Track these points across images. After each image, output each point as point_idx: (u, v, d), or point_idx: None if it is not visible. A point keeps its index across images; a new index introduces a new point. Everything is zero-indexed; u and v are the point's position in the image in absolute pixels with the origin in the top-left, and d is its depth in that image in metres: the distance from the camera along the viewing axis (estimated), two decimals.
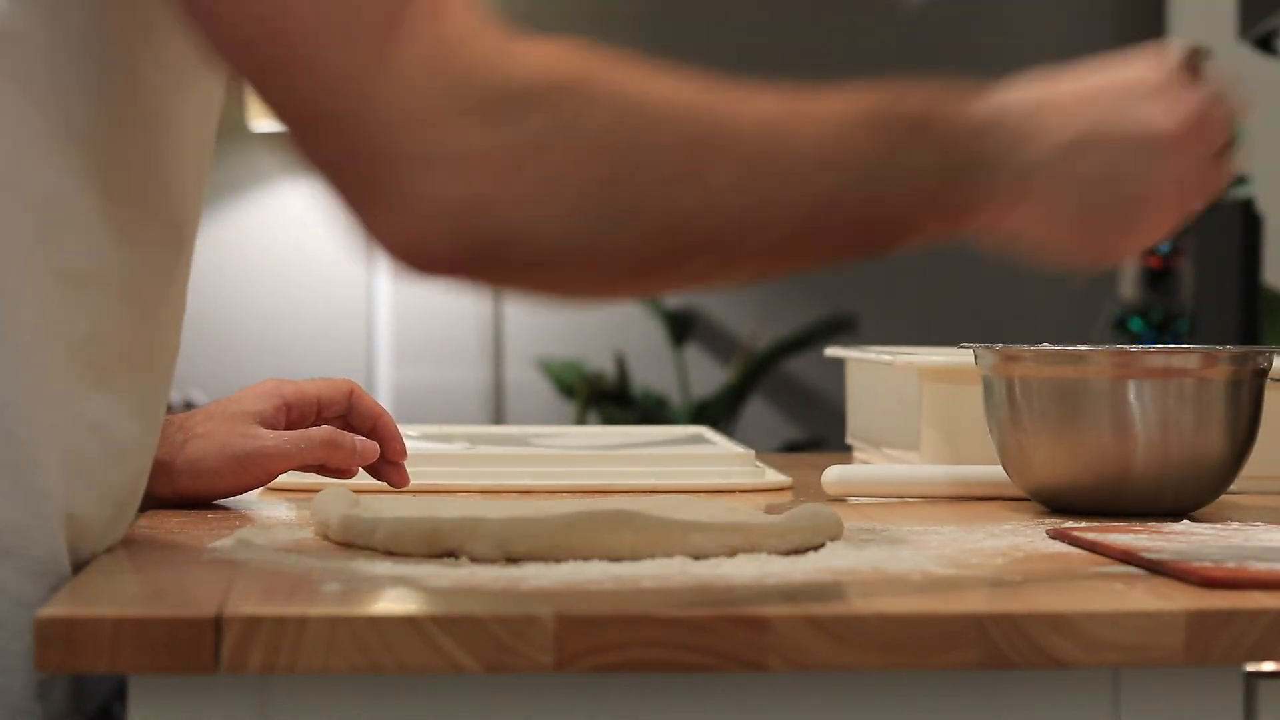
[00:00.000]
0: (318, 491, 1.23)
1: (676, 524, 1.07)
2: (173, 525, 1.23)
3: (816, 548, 1.11)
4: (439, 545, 1.07)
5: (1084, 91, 1.01)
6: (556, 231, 0.90)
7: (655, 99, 0.93)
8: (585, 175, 0.90)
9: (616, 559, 1.05)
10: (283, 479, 1.48)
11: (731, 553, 1.07)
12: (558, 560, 1.04)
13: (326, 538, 1.14)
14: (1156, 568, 1.04)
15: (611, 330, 4.65)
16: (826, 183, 0.95)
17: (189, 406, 4.29)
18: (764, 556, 1.07)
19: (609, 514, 1.07)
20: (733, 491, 1.48)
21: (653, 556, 1.05)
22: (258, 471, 1.33)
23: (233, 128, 4.51)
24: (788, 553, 1.09)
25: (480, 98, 0.90)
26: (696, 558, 1.06)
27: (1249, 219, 3.81)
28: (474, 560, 1.05)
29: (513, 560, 1.05)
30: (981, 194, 0.98)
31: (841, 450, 1.87)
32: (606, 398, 4.44)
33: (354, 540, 1.11)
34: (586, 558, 1.05)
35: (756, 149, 0.94)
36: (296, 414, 1.37)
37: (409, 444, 1.51)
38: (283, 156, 4.85)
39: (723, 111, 0.94)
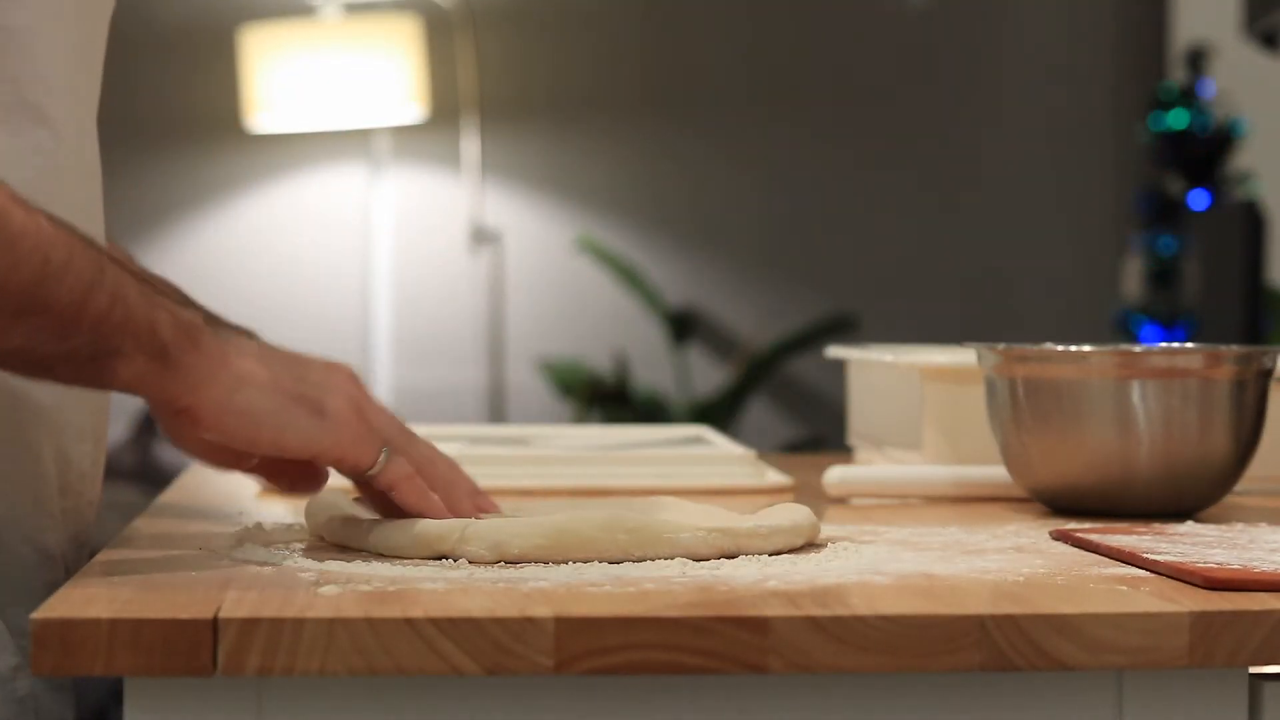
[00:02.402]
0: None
1: (668, 525, 1.07)
2: (169, 527, 1.23)
3: (797, 549, 1.11)
4: (432, 548, 1.06)
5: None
6: None
7: None
8: None
9: (609, 560, 1.04)
10: None
11: (720, 555, 1.07)
12: (551, 562, 1.04)
13: (322, 539, 1.14)
14: (1160, 569, 1.03)
15: (611, 330, 4.64)
16: (35, 264, 0.97)
17: None
18: (764, 558, 1.07)
19: (602, 516, 1.07)
20: (733, 492, 1.47)
21: (645, 558, 1.05)
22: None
23: (229, 128, 4.51)
24: (774, 554, 1.09)
25: None
26: (688, 560, 1.06)
27: (1253, 219, 3.81)
28: (472, 562, 1.05)
29: (509, 562, 1.04)
30: (187, 335, 1.02)
31: (842, 450, 1.86)
32: (606, 398, 4.43)
33: (348, 543, 1.11)
34: (579, 560, 1.04)
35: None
36: None
37: None
38: (279, 157, 4.84)
39: None
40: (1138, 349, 1.33)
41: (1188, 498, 1.32)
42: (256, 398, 1.03)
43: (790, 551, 1.11)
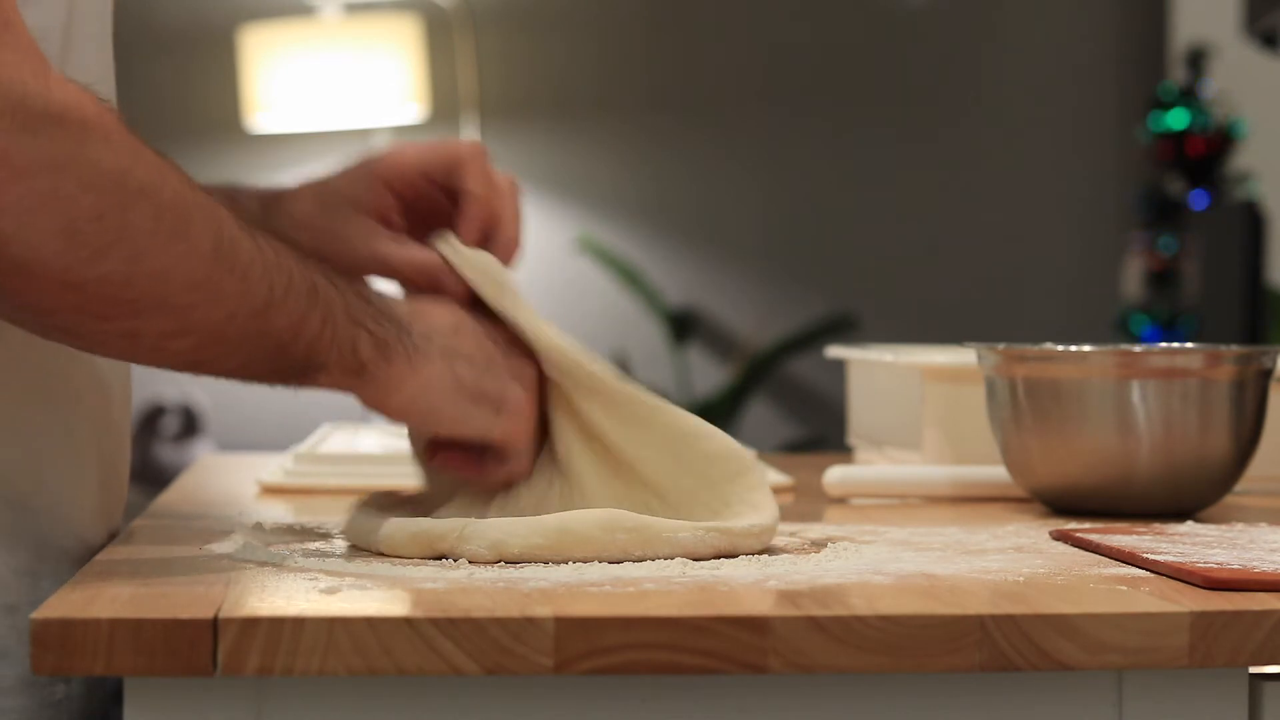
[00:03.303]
0: (314, 493, 1.22)
1: (667, 525, 1.07)
2: (169, 527, 1.23)
3: (800, 550, 1.11)
4: (432, 548, 1.07)
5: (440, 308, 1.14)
6: (32, 245, 0.95)
7: (155, 160, 0.99)
8: (83, 204, 0.95)
9: (609, 560, 1.05)
10: (281, 480, 1.48)
11: (717, 554, 1.07)
12: (549, 562, 1.04)
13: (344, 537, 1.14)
14: (1160, 569, 1.03)
15: (612, 329, 4.64)
16: (262, 293, 1.02)
17: (188, 410, 4.29)
18: (765, 558, 1.07)
19: (600, 515, 1.07)
20: None
21: (644, 558, 1.05)
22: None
23: (229, 128, 4.51)
24: (773, 553, 1.09)
25: (12, 106, 0.94)
26: (688, 559, 1.06)
27: (1254, 219, 3.82)
28: (472, 561, 1.05)
29: (508, 562, 1.04)
30: (381, 353, 1.08)
31: (842, 450, 1.86)
32: None
33: (357, 542, 1.11)
34: (578, 559, 1.04)
35: (225, 234, 1.01)
36: (405, 194, 1.23)
37: (407, 444, 1.48)
38: (279, 157, 4.83)
39: (200, 192, 1.01)
40: (1138, 349, 1.33)
41: (1188, 498, 1.32)
42: (438, 400, 1.10)
43: (789, 552, 1.11)
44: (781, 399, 4.74)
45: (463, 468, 1.14)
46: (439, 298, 1.15)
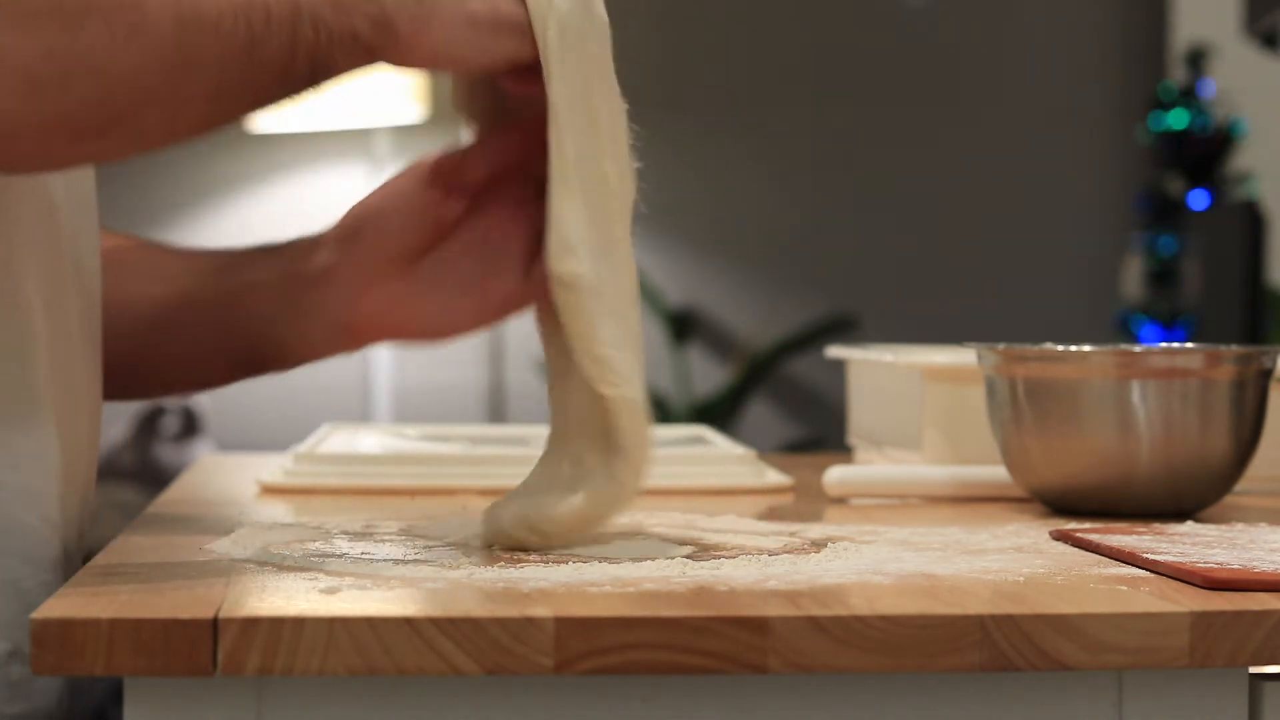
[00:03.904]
0: (314, 493, 1.22)
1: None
2: (170, 527, 1.23)
3: (794, 551, 1.11)
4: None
5: None
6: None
7: None
8: (29, 47, 0.93)
9: (577, 559, 1.06)
10: (282, 480, 1.48)
11: (690, 556, 1.08)
12: (522, 554, 1.06)
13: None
14: (1160, 569, 1.03)
15: None
16: (242, 37, 1.00)
17: (188, 410, 4.29)
18: (765, 558, 1.07)
19: (513, 514, 1.09)
20: (733, 492, 1.47)
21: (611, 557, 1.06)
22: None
23: (229, 128, 4.51)
24: (760, 552, 1.10)
25: None
26: (688, 560, 1.06)
27: (1254, 219, 3.82)
28: (471, 561, 1.05)
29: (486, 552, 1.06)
30: (383, 28, 1.06)
31: (842, 450, 1.86)
32: None
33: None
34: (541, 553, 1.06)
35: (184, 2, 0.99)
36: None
37: (408, 444, 1.49)
38: (279, 156, 4.83)
39: None
40: (1138, 349, 1.33)
41: (1188, 498, 1.32)
42: (457, 46, 1.08)
43: (790, 552, 1.11)
44: (781, 399, 4.74)
45: (532, 86, 1.14)
46: None
